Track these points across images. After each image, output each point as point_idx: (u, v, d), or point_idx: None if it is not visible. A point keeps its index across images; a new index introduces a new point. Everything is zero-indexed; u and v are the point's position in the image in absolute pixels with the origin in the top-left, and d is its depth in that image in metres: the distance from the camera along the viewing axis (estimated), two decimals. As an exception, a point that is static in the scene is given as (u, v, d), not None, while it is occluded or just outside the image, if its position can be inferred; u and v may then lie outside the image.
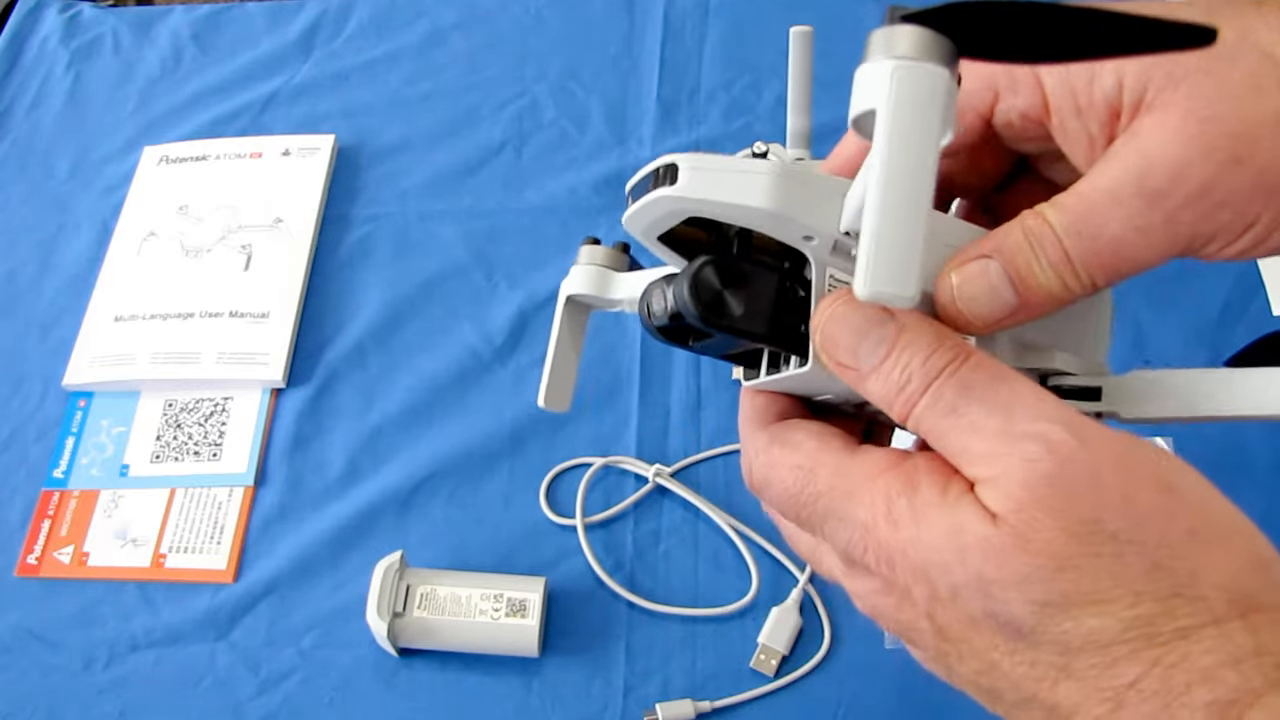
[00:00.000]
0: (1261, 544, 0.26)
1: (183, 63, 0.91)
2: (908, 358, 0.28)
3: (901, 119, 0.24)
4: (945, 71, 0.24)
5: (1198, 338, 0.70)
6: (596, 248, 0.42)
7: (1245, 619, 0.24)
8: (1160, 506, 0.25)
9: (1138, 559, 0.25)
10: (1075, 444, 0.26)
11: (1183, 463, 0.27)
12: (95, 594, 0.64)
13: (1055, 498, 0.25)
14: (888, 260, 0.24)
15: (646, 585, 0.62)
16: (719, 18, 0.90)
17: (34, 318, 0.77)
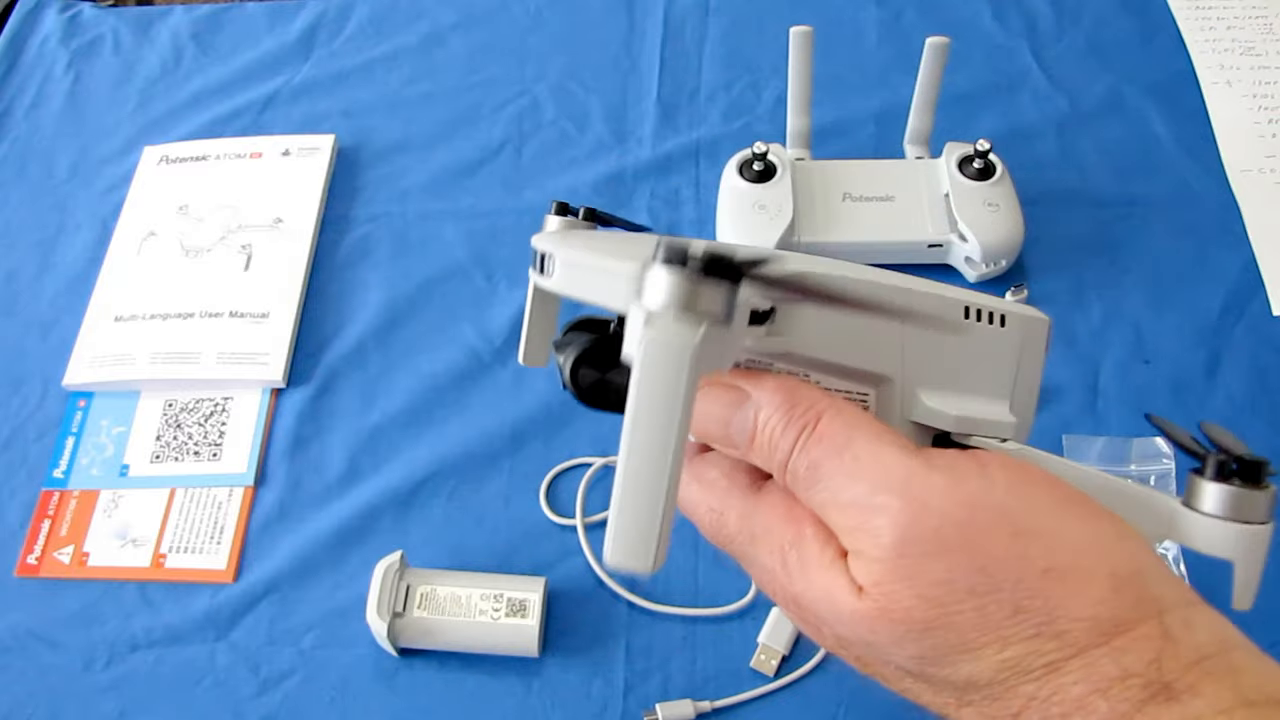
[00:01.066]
0: (1121, 560, 0.26)
1: (183, 63, 0.91)
2: (768, 434, 0.30)
3: (644, 394, 0.25)
4: (695, 340, 0.25)
5: (1198, 338, 0.70)
6: (560, 218, 0.42)
7: (1110, 644, 0.25)
8: (1011, 553, 0.26)
9: (998, 608, 0.26)
10: (915, 512, 0.27)
11: (1037, 490, 0.28)
12: (95, 594, 0.64)
13: (907, 568, 0.27)
14: (628, 536, 0.25)
15: (646, 585, 0.62)
16: (719, 18, 0.90)
17: (34, 318, 0.77)
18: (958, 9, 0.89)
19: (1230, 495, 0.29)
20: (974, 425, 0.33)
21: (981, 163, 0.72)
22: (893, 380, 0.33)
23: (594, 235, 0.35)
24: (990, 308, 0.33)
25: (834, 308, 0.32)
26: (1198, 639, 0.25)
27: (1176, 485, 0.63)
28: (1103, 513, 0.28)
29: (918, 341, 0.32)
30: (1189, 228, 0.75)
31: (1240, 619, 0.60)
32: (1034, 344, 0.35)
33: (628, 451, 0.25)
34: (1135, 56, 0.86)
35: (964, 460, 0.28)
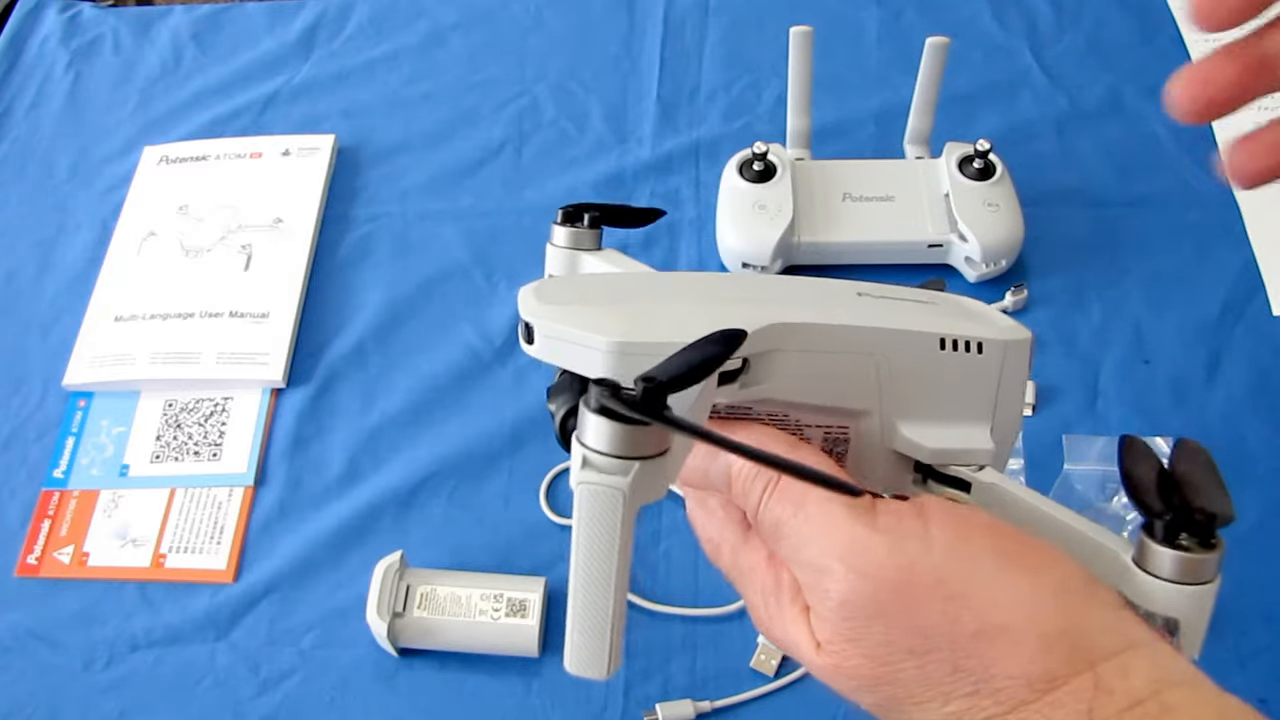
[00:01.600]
0: (1053, 618, 0.27)
1: (183, 63, 0.91)
2: (740, 484, 0.32)
3: (584, 532, 0.27)
4: (626, 484, 0.27)
5: (1198, 337, 0.70)
6: (564, 230, 0.43)
7: (1044, 698, 0.27)
8: (945, 617, 0.28)
9: (937, 667, 0.28)
10: (855, 579, 0.29)
11: (975, 548, 0.29)
12: (95, 594, 0.64)
13: (851, 629, 0.29)
14: (583, 650, 0.28)
15: (646, 585, 0.62)
16: (719, 18, 0.90)
17: (34, 318, 0.77)
18: (958, 9, 0.89)
19: (1179, 561, 0.29)
20: (951, 456, 0.34)
21: (981, 163, 0.72)
22: (871, 413, 0.34)
23: (578, 284, 0.36)
24: (966, 336, 0.34)
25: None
26: (1132, 684, 0.26)
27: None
28: (1044, 563, 0.29)
29: (894, 376, 0.33)
30: (1189, 228, 0.75)
31: (1242, 619, 0.60)
32: (1015, 366, 0.35)
33: (575, 580, 0.28)
34: (1135, 56, 0.86)
35: (908, 518, 0.29)
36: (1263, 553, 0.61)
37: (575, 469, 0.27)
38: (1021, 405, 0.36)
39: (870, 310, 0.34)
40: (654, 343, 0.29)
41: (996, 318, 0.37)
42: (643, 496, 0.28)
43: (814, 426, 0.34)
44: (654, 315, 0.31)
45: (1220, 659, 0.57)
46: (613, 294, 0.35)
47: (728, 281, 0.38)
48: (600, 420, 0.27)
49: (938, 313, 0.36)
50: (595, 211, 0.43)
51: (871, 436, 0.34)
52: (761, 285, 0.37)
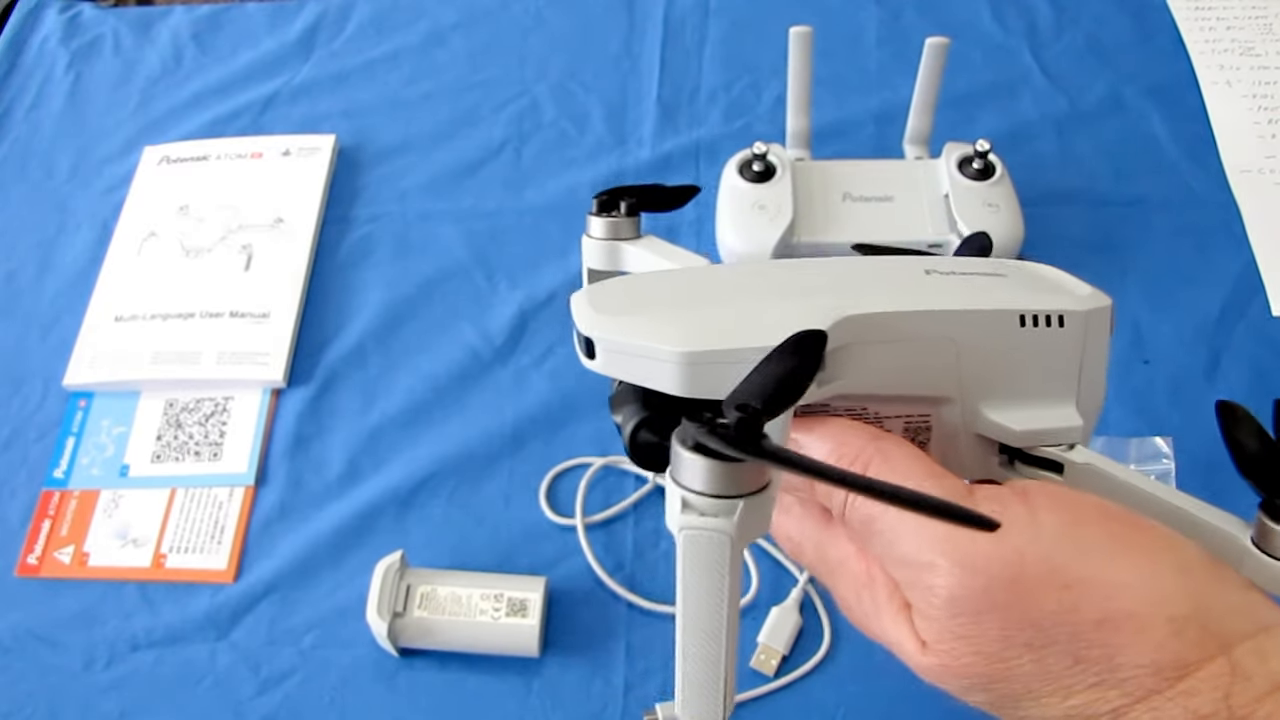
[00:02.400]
0: (1180, 600, 0.26)
1: (183, 63, 0.91)
2: (823, 484, 0.30)
3: (690, 580, 0.26)
4: (731, 526, 0.25)
5: (1198, 337, 0.70)
6: (601, 220, 0.41)
7: (1175, 687, 0.25)
8: (1063, 606, 0.26)
9: (1056, 660, 0.26)
10: (962, 572, 0.27)
11: (1087, 530, 0.27)
12: (95, 594, 0.64)
13: (962, 626, 0.27)
14: (696, 701, 0.27)
15: (646, 585, 0.62)
16: (719, 18, 0.90)
17: (34, 318, 0.77)
18: (958, 9, 0.89)
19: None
20: (1039, 437, 0.32)
21: (981, 163, 0.72)
22: (953, 399, 0.32)
23: (632, 287, 0.34)
24: (1047, 310, 0.32)
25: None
26: (1273, 668, 0.25)
27: (1177, 485, 0.62)
28: (1161, 544, 0.27)
29: (975, 358, 0.32)
30: (1189, 228, 0.75)
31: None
32: (1097, 335, 0.33)
33: (685, 631, 0.26)
34: (1135, 56, 0.86)
35: (1012, 504, 0.28)
36: (1263, 553, 0.61)
37: (674, 512, 0.26)
38: (1104, 375, 0.34)
39: (943, 290, 0.33)
40: (726, 350, 0.28)
41: (1073, 284, 0.35)
42: (750, 534, 0.26)
43: (893, 417, 0.33)
44: (721, 318, 0.30)
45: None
46: (672, 296, 0.33)
47: (792, 270, 0.35)
48: (698, 459, 0.25)
49: (1012, 286, 0.34)
50: (632, 197, 0.41)
51: (954, 422, 0.33)
52: (827, 272, 0.35)
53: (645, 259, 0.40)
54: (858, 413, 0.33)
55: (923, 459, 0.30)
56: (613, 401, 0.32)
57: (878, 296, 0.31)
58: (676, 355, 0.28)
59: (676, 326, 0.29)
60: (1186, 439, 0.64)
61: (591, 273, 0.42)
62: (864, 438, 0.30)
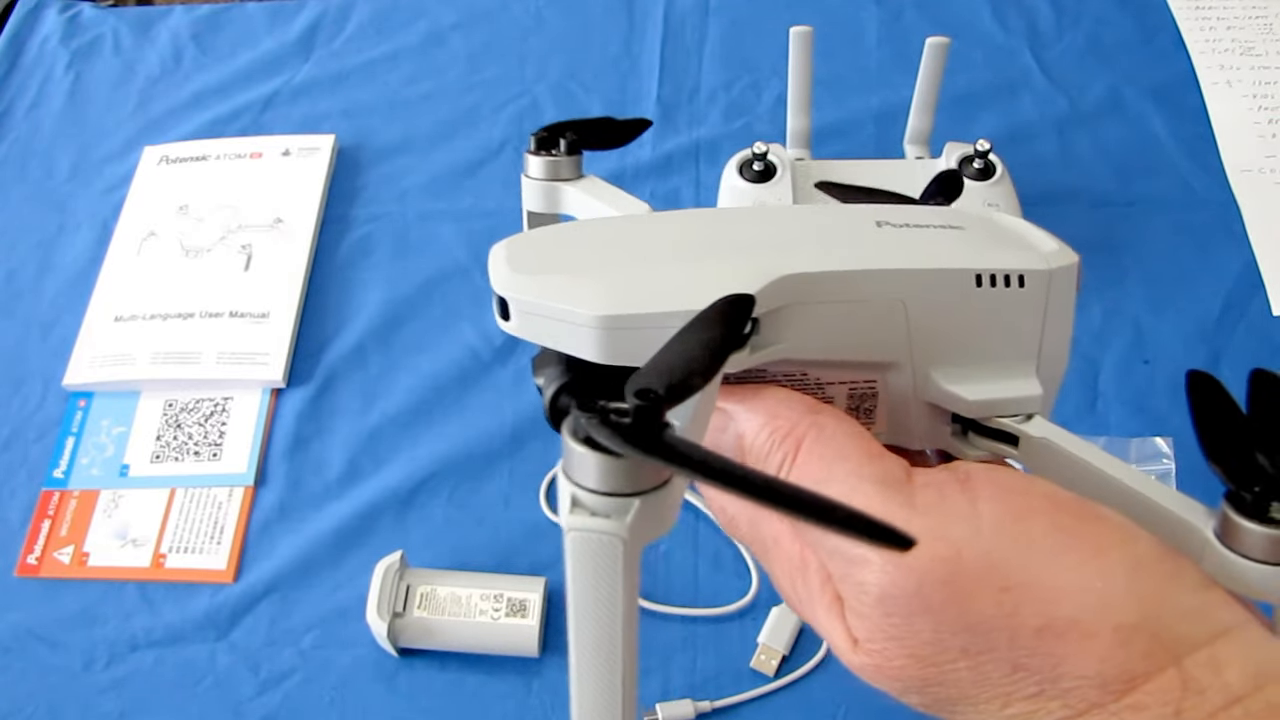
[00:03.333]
0: (1128, 607, 0.24)
1: (183, 63, 0.91)
2: (755, 455, 0.28)
3: (578, 591, 0.24)
4: (624, 528, 0.23)
5: (1198, 337, 0.70)
6: (539, 159, 0.38)
7: (1122, 699, 0.23)
8: (1001, 610, 0.24)
9: (995, 666, 0.24)
10: (894, 570, 0.25)
11: (1032, 525, 0.25)
12: (95, 594, 0.64)
13: (895, 627, 0.25)
14: (591, 711, 0.25)
15: (646, 585, 0.62)
16: (719, 18, 0.90)
17: (34, 318, 0.77)
18: (958, 9, 0.89)
19: (1272, 540, 0.25)
20: (994, 407, 0.30)
21: (981, 163, 0.72)
22: (902, 364, 0.30)
23: (556, 241, 0.31)
24: (1006, 269, 0.29)
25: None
26: (1226, 679, 0.23)
27: (1177, 485, 0.62)
28: (1112, 540, 0.25)
29: (926, 321, 0.29)
30: (1189, 228, 0.75)
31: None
32: (1061, 296, 0.30)
33: (576, 642, 0.24)
34: (1135, 57, 0.86)
35: (952, 493, 0.26)
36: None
37: (564, 510, 0.23)
38: (1069, 339, 0.31)
39: (893, 246, 0.30)
40: (645, 314, 0.26)
41: (1037, 238, 0.32)
42: (647, 536, 0.24)
43: (837, 384, 0.30)
44: (643, 278, 0.27)
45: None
46: (597, 251, 0.30)
47: (729, 222, 0.32)
48: (589, 453, 0.22)
49: (971, 240, 0.31)
50: (573, 133, 0.37)
51: (903, 389, 0.30)
52: (769, 224, 0.32)
53: (585, 202, 0.38)
54: (798, 379, 0.30)
55: (861, 436, 0.27)
56: (535, 362, 0.29)
57: (820, 253, 0.29)
58: (593, 320, 0.26)
59: (596, 287, 0.27)
60: (1186, 439, 0.64)
61: (531, 215, 0.39)
62: (799, 410, 0.28)
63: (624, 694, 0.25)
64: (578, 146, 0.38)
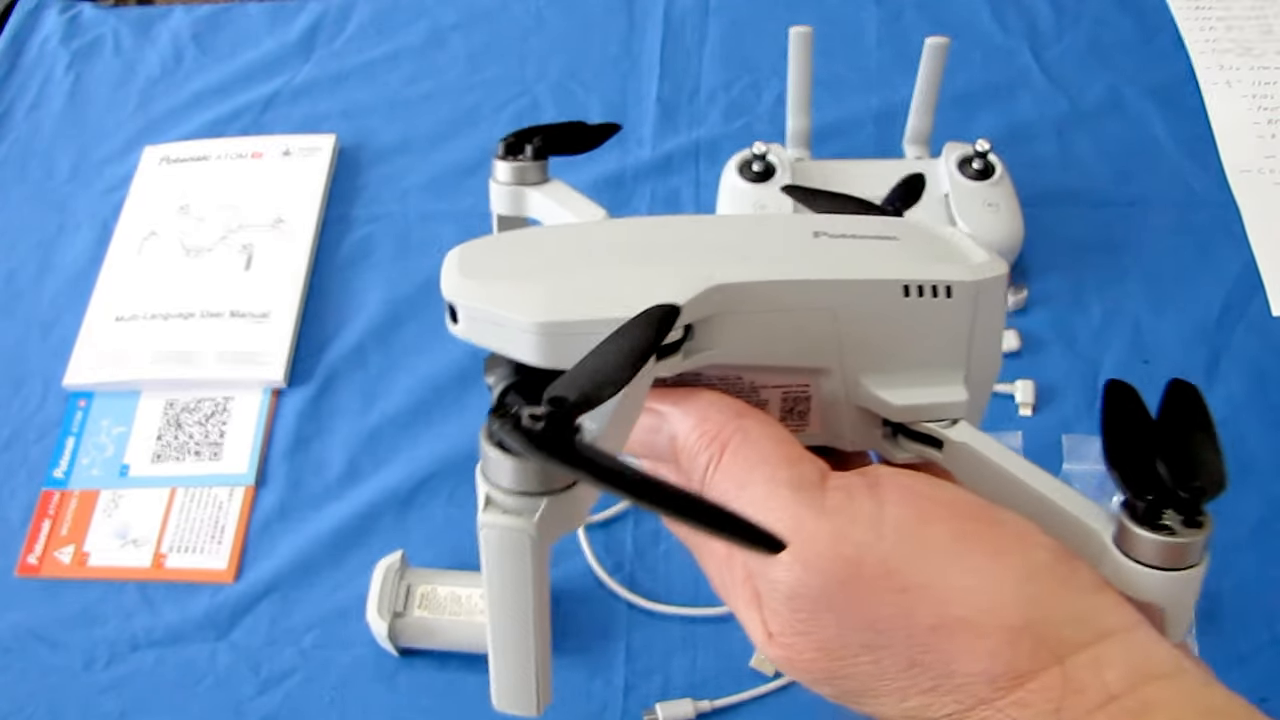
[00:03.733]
0: (1018, 609, 0.25)
1: (183, 63, 0.91)
2: (686, 456, 0.30)
3: (494, 576, 0.25)
4: (531, 525, 0.24)
5: (1198, 337, 0.70)
6: (506, 165, 0.39)
7: (1007, 696, 0.25)
8: (898, 610, 0.26)
9: (892, 661, 0.26)
10: (800, 570, 0.27)
11: (932, 530, 0.27)
12: (95, 594, 0.64)
13: (802, 623, 0.27)
14: (510, 687, 0.27)
15: (646, 585, 0.62)
16: (719, 18, 0.90)
17: (34, 318, 0.77)
18: (958, 9, 0.89)
19: (1162, 546, 0.26)
20: (919, 412, 0.31)
21: (981, 163, 0.72)
22: (833, 370, 0.31)
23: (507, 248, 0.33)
24: (934, 280, 0.31)
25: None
26: (1106, 679, 0.24)
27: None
28: (1009, 546, 0.27)
29: (856, 329, 0.31)
30: (1189, 228, 0.75)
31: (1243, 618, 0.59)
32: (989, 306, 0.32)
33: (492, 625, 0.26)
34: (1135, 56, 0.86)
35: (860, 497, 0.27)
36: (1263, 553, 0.61)
37: (479, 506, 0.25)
38: (999, 345, 0.33)
39: (826, 257, 0.31)
40: (582, 320, 0.27)
41: (968, 250, 0.33)
42: (555, 532, 0.25)
43: (771, 387, 0.32)
44: (584, 286, 0.29)
45: (1220, 658, 0.57)
46: (542, 259, 0.31)
47: (672, 230, 0.34)
48: (500, 456, 0.24)
49: (903, 252, 0.32)
50: (539, 139, 0.39)
51: (834, 394, 0.32)
52: (708, 234, 0.33)
53: (547, 207, 0.39)
54: (733, 382, 0.32)
55: (783, 441, 0.29)
56: (487, 363, 0.31)
57: (753, 264, 0.30)
58: (532, 326, 0.27)
59: (536, 295, 0.28)
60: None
61: (500, 219, 0.41)
62: (728, 414, 0.30)
63: (538, 669, 0.27)
64: (544, 152, 0.40)
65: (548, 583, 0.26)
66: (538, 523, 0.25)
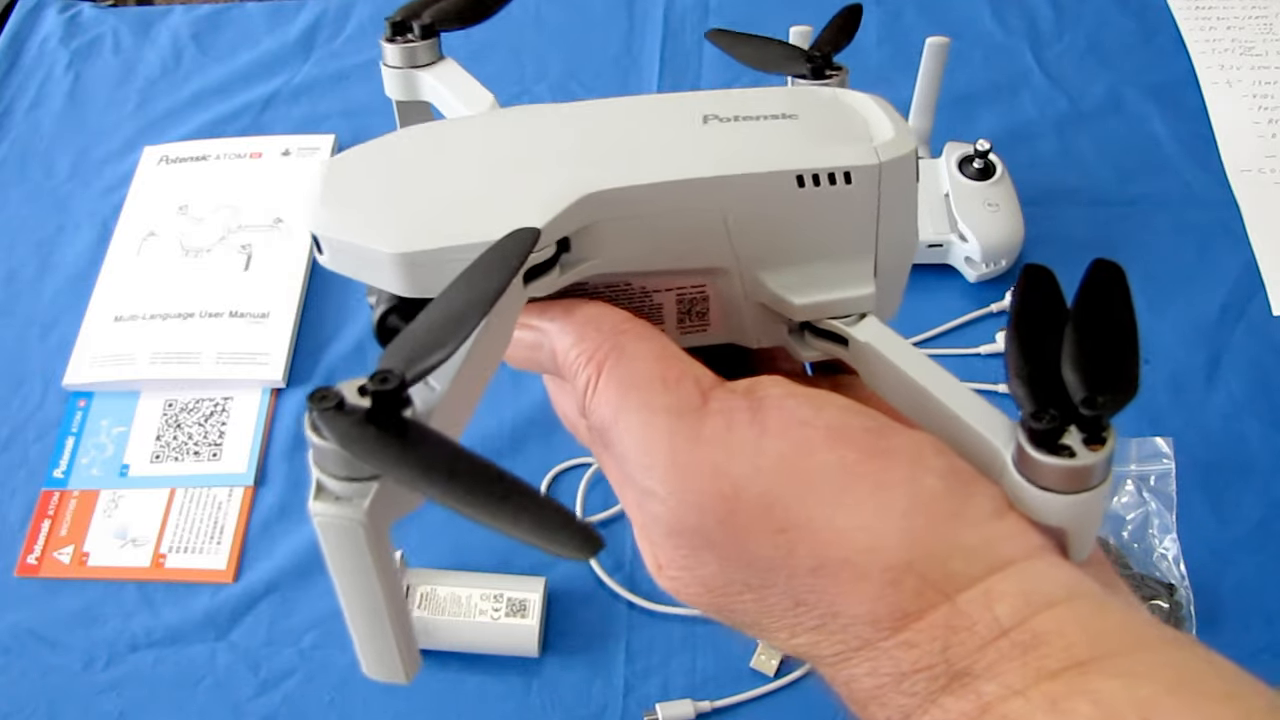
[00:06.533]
0: (900, 547, 0.24)
1: (183, 63, 0.91)
2: (569, 375, 0.28)
3: (335, 570, 0.24)
4: (362, 513, 0.23)
5: (1198, 337, 0.70)
6: (394, 47, 0.38)
7: (895, 638, 0.24)
8: (778, 551, 0.25)
9: (777, 600, 0.25)
10: (676, 505, 0.25)
11: (814, 461, 0.25)
12: (95, 594, 0.64)
13: (684, 559, 0.26)
14: (375, 660, 0.26)
15: (646, 585, 0.62)
16: (719, 18, 0.90)
17: (34, 318, 0.77)
18: (958, 9, 0.89)
19: (1063, 470, 0.24)
20: (823, 309, 0.29)
21: (981, 163, 0.72)
22: (729, 270, 0.29)
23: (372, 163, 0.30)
24: (829, 167, 0.28)
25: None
26: (997, 613, 0.23)
27: (1177, 485, 0.62)
28: (896, 478, 0.25)
29: (749, 227, 0.28)
30: (1189, 228, 0.75)
31: (1243, 618, 0.59)
32: (897, 188, 0.29)
33: (345, 607, 0.25)
34: (1135, 57, 0.86)
35: (740, 425, 0.25)
36: (1263, 553, 0.61)
37: (310, 493, 0.24)
38: (913, 229, 0.31)
39: (711, 148, 0.29)
40: (445, 248, 0.26)
41: (876, 124, 0.31)
42: (391, 514, 0.24)
43: (664, 290, 0.30)
44: (446, 208, 0.27)
45: (1220, 659, 0.57)
46: (405, 179, 0.29)
47: (547, 128, 0.31)
48: (323, 443, 0.22)
49: (800, 133, 0.30)
50: (428, 16, 0.37)
51: (733, 293, 0.30)
52: (588, 128, 0.30)
53: (438, 91, 0.37)
54: (621, 289, 0.30)
55: (663, 358, 0.27)
56: (368, 284, 0.30)
57: (630, 164, 0.28)
58: (394, 258, 0.26)
59: (397, 223, 0.27)
60: (1186, 439, 0.64)
61: (398, 105, 0.39)
62: (605, 332, 0.28)
63: (397, 641, 0.25)
64: (432, 30, 0.38)
65: (390, 559, 0.25)
66: (369, 509, 0.23)
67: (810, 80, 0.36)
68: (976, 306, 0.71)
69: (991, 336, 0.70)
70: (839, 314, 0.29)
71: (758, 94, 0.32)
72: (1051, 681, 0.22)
